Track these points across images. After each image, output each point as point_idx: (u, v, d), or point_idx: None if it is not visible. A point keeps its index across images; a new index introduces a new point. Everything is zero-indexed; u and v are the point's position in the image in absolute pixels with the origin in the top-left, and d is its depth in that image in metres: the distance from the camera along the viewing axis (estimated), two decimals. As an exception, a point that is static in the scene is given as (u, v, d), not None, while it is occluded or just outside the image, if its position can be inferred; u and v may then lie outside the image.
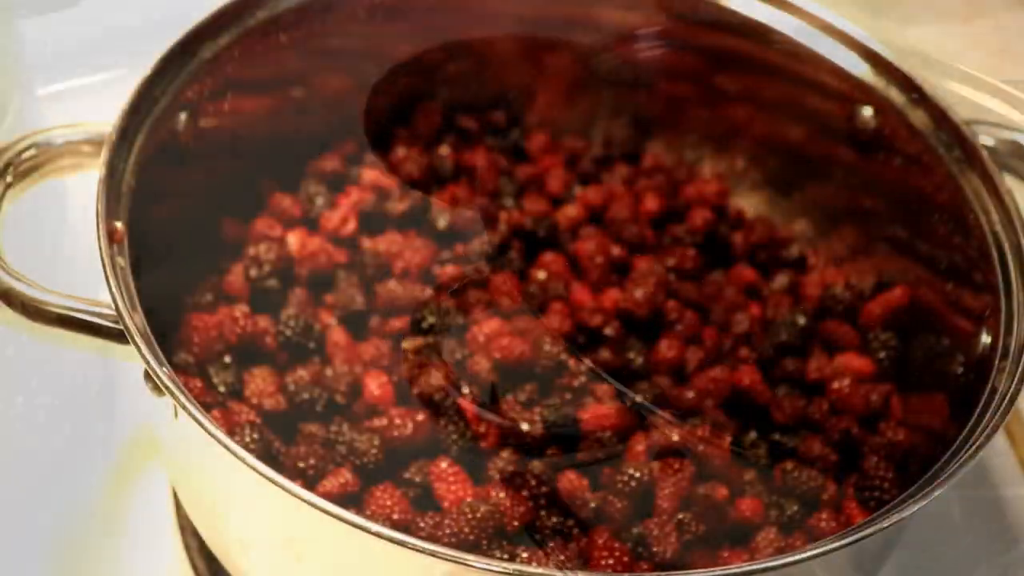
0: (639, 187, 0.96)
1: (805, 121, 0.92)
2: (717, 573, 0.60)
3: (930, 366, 0.81)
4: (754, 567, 0.60)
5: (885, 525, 0.62)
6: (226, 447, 0.60)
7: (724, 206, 0.96)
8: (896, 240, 0.88)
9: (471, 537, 0.69)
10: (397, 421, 0.75)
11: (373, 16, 0.90)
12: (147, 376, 0.67)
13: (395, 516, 0.71)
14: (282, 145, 0.91)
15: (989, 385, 0.70)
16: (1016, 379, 0.69)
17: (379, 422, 0.76)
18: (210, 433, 0.61)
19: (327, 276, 0.87)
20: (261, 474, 0.59)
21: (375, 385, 0.78)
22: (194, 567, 0.82)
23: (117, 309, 0.65)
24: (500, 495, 0.73)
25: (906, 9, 1.26)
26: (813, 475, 0.78)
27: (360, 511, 0.72)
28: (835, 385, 0.82)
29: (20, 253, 0.72)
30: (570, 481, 0.75)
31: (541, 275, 0.88)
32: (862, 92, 0.86)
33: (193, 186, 0.84)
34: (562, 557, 0.71)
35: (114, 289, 0.66)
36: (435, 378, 0.79)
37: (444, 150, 0.97)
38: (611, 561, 0.70)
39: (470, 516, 0.69)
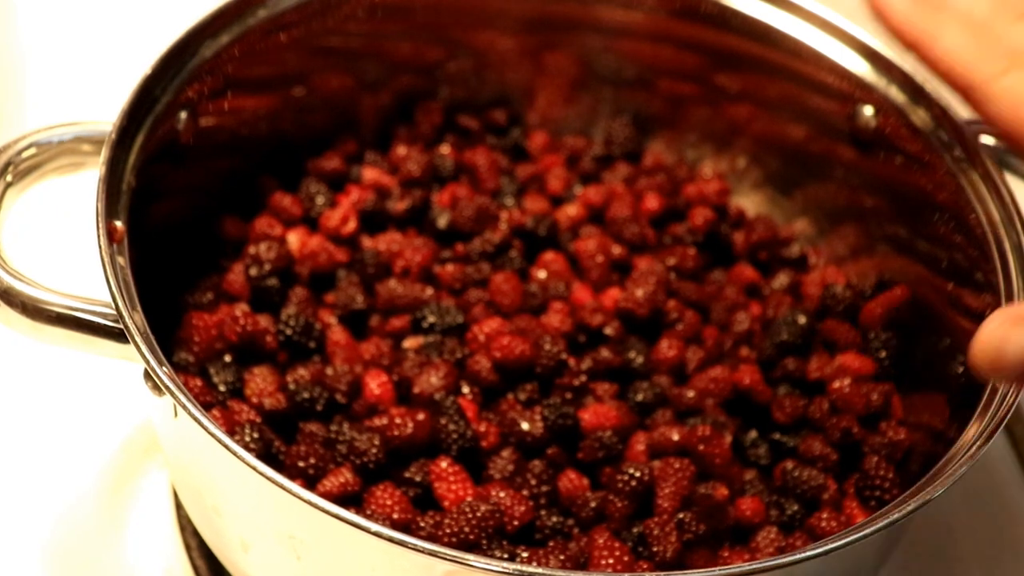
0: (640, 186, 0.96)
1: (806, 120, 0.92)
2: (717, 573, 0.60)
3: (931, 366, 0.81)
4: (754, 567, 0.60)
5: (885, 525, 0.62)
6: (226, 447, 0.60)
7: (725, 205, 0.96)
8: (897, 239, 0.88)
9: (471, 537, 0.69)
10: (397, 420, 0.75)
11: (374, 15, 0.90)
12: (147, 375, 0.67)
13: (395, 516, 0.71)
14: (282, 144, 0.91)
15: (990, 385, 0.70)
16: (1017, 379, 0.69)
17: (379, 421, 0.76)
18: (210, 433, 0.61)
19: (327, 275, 0.87)
20: (261, 474, 0.59)
21: (375, 384, 0.78)
22: (194, 566, 0.82)
23: (117, 308, 0.65)
24: (500, 495, 0.73)
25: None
26: (814, 475, 0.78)
27: (360, 511, 0.72)
28: (836, 384, 0.82)
29: (20, 252, 0.72)
30: (570, 480, 0.75)
31: (542, 274, 0.88)
32: (863, 91, 0.86)
33: (193, 185, 0.84)
34: (562, 557, 0.71)
35: (114, 288, 0.66)
36: (435, 377, 0.78)
37: (445, 149, 0.97)
38: (611, 561, 0.70)
39: (470, 516, 0.69)
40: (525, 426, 0.77)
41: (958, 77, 0.68)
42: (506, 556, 0.70)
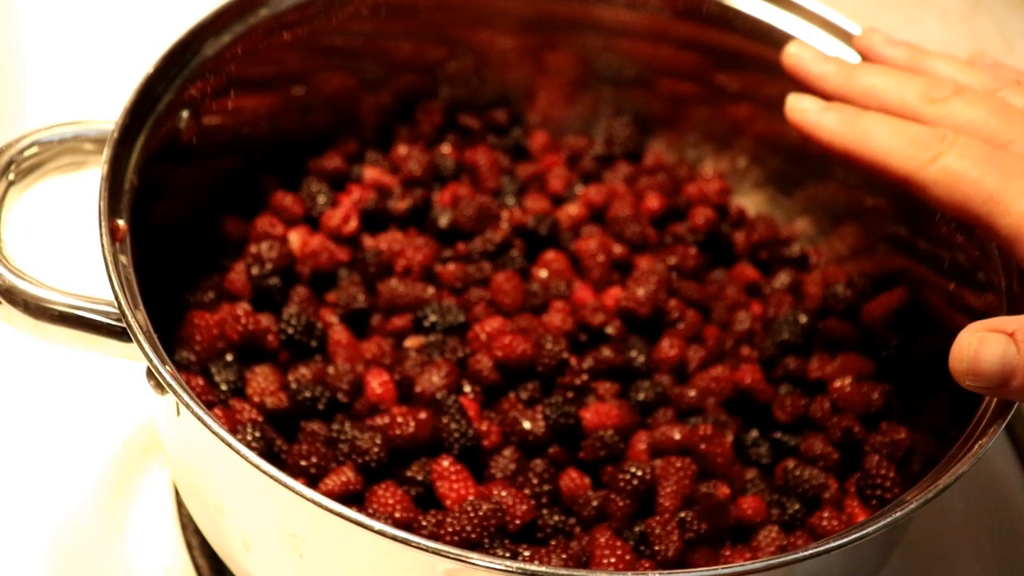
0: (641, 186, 0.96)
1: (806, 119, 0.92)
2: (719, 572, 0.60)
3: (932, 365, 0.81)
4: (756, 566, 0.60)
5: (887, 524, 0.62)
6: (229, 445, 0.60)
7: (725, 205, 0.96)
8: (898, 239, 0.88)
9: (473, 536, 0.69)
10: (399, 419, 0.75)
11: (376, 15, 0.90)
12: (149, 374, 0.67)
13: (397, 515, 0.71)
14: (284, 143, 0.92)
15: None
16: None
17: (381, 420, 0.76)
18: (213, 431, 0.61)
19: (329, 274, 0.87)
20: (264, 472, 0.59)
21: (377, 383, 0.78)
22: (196, 565, 0.82)
23: (119, 307, 0.65)
24: (502, 494, 0.73)
25: (908, 7, 1.26)
26: (815, 474, 0.78)
27: (362, 510, 0.72)
28: (837, 384, 0.82)
29: (22, 251, 0.72)
30: (572, 479, 0.76)
31: (543, 274, 0.88)
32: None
33: (195, 184, 0.84)
34: (564, 556, 0.71)
35: (116, 287, 0.66)
36: (437, 376, 0.78)
37: (446, 148, 0.97)
38: (613, 560, 0.70)
39: (472, 515, 0.69)
40: (527, 425, 0.77)
41: (894, 172, 0.71)
42: (508, 555, 0.70)
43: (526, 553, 0.71)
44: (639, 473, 0.74)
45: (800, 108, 0.75)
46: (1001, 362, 0.63)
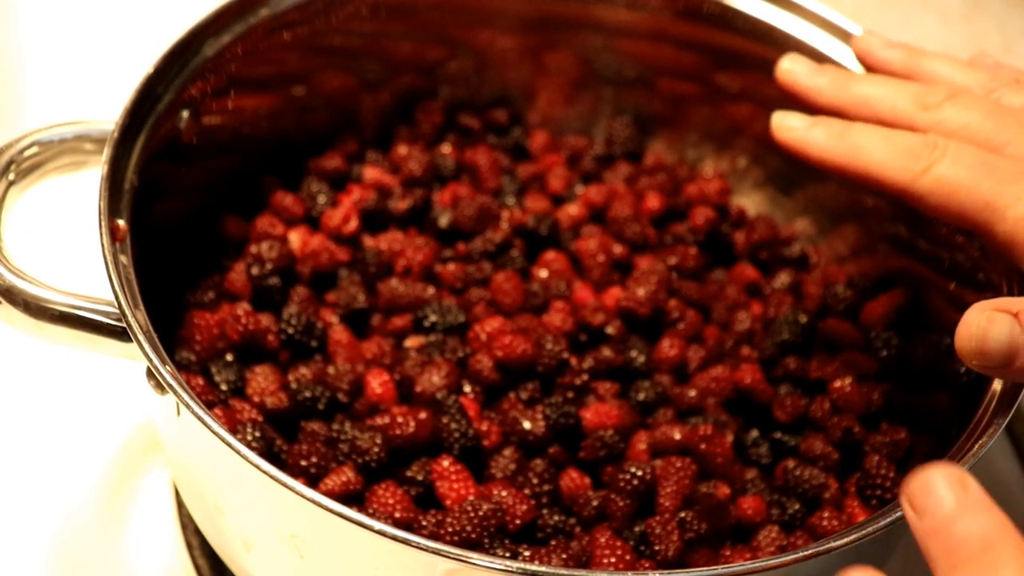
0: (641, 186, 0.96)
1: (807, 119, 0.92)
2: (719, 572, 0.60)
3: (932, 365, 0.81)
4: (756, 565, 0.60)
5: (887, 524, 0.62)
6: (229, 445, 0.60)
7: (726, 205, 0.96)
8: (898, 239, 0.88)
9: (473, 536, 0.69)
10: (399, 419, 0.75)
11: (375, 15, 0.90)
12: (149, 374, 0.67)
13: (397, 515, 0.71)
14: (284, 143, 0.92)
15: (991, 385, 0.70)
16: (1018, 378, 0.69)
17: (381, 420, 0.76)
18: (213, 431, 0.61)
19: (329, 274, 0.87)
20: (264, 472, 0.59)
21: (377, 383, 0.78)
22: (196, 565, 0.82)
23: (119, 307, 0.65)
24: (502, 493, 0.73)
25: (908, 7, 1.26)
26: (815, 474, 0.78)
27: (362, 510, 0.72)
28: (837, 384, 0.82)
29: (23, 251, 0.72)
30: (572, 479, 0.76)
31: (543, 274, 0.88)
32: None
33: (195, 184, 0.84)
34: (564, 556, 0.71)
35: (116, 287, 0.66)
36: (437, 376, 0.79)
37: (446, 148, 0.97)
38: (613, 559, 0.70)
39: (472, 515, 0.69)
40: (527, 425, 0.77)
41: (889, 184, 0.70)
42: (508, 555, 0.70)
43: (526, 553, 0.71)
44: (639, 473, 0.74)
45: (787, 126, 0.75)
46: (1008, 341, 0.62)
